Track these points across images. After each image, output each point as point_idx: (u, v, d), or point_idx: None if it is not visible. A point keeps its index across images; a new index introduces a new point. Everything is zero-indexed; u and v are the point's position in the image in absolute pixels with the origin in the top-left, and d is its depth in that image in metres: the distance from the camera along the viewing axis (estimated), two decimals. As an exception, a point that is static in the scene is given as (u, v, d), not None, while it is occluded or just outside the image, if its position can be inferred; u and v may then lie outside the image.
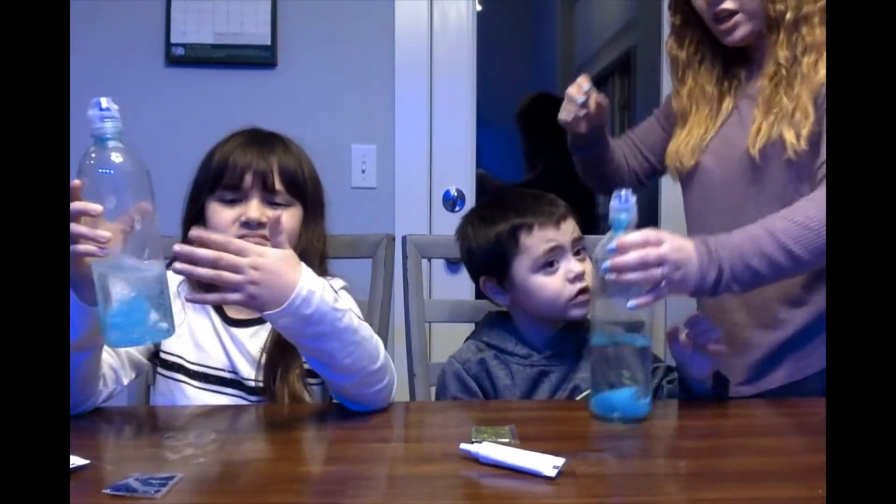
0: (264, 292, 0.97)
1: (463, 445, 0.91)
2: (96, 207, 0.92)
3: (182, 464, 0.91)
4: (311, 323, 1.00)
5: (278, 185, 1.27)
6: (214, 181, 1.27)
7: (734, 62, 1.40)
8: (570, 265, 1.26)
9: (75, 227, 0.92)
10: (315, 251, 1.32)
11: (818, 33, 1.26)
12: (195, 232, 0.98)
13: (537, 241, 1.26)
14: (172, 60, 2.25)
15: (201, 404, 1.22)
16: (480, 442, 0.92)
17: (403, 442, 1.05)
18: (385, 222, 2.21)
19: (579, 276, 1.25)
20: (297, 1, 2.26)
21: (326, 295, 1.02)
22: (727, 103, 1.39)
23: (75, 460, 0.87)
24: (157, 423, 1.15)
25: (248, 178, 1.25)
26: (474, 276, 1.36)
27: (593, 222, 2.87)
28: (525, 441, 0.96)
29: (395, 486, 0.85)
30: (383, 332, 1.45)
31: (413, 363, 1.46)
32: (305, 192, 1.31)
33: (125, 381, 1.20)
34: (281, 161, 1.28)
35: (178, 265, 0.96)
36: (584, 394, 1.25)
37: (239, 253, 0.97)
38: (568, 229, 1.28)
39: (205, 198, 1.29)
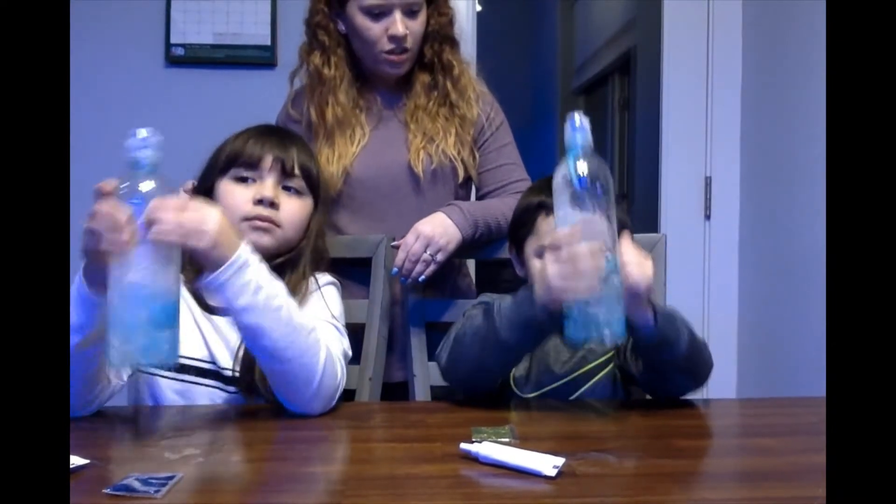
0: (223, 240, 1.02)
1: (463, 445, 0.92)
2: (121, 215, 0.93)
3: (182, 464, 0.91)
4: (245, 292, 1.04)
5: (297, 170, 1.27)
6: (227, 163, 1.26)
7: (363, 91, 1.58)
8: None
9: (97, 227, 0.93)
10: (317, 249, 1.32)
11: (465, 80, 1.57)
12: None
13: (549, 228, 1.17)
14: (172, 60, 2.26)
15: (191, 403, 1.21)
16: (480, 442, 0.92)
17: (403, 442, 1.05)
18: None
19: None
20: (297, 1, 2.26)
21: (262, 272, 1.06)
22: (364, 126, 1.54)
23: (75, 460, 0.87)
24: (157, 423, 1.15)
25: (269, 159, 1.25)
26: (509, 240, 1.35)
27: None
28: (525, 441, 0.96)
29: (395, 486, 0.85)
30: (383, 332, 1.45)
31: (413, 363, 1.46)
32: (318, 186, 1.32)
33: (124, 377, 1.19)
34: (299, 151, 1.29)
35: (153, 230, 0.95)
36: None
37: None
38: None
39: (214, 179, 1.27)
